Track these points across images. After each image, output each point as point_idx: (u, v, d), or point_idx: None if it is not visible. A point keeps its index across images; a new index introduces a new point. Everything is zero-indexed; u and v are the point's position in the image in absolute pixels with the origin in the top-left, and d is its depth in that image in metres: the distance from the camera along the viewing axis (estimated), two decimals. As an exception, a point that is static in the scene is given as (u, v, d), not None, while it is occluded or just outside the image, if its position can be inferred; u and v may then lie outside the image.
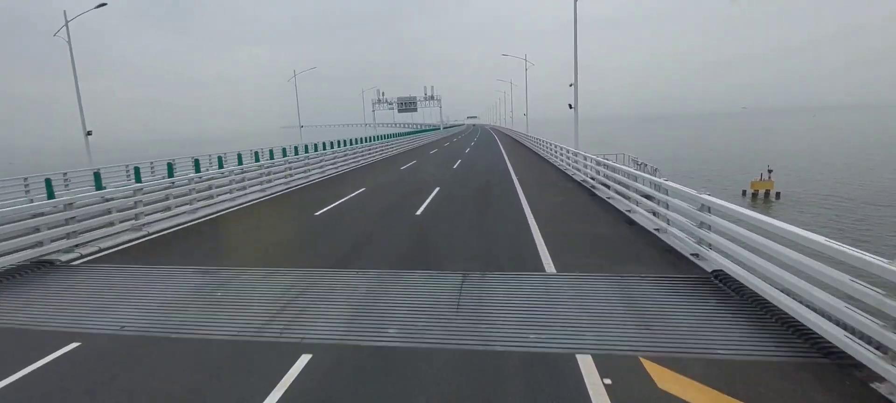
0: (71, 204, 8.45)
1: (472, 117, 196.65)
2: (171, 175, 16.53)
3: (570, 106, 18.72)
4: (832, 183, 29.05)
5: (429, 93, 69.49)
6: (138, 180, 14.40)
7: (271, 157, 21.45)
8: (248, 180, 15.15)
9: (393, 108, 68.13)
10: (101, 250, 8.43)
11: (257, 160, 20.83)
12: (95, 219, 9.02)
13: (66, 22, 20.91)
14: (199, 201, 12.14)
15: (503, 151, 32.22)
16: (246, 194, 14.62)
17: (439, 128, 79.40)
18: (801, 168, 35.55)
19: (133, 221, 9.81)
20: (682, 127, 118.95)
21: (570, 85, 18.35)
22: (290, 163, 18.58)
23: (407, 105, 68.43)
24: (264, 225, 11.36)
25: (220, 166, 18.94)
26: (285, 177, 17.41)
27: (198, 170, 18.25)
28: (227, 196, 13.57)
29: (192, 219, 11.25)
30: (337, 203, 12.92)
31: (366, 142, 32.50)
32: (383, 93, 67.64)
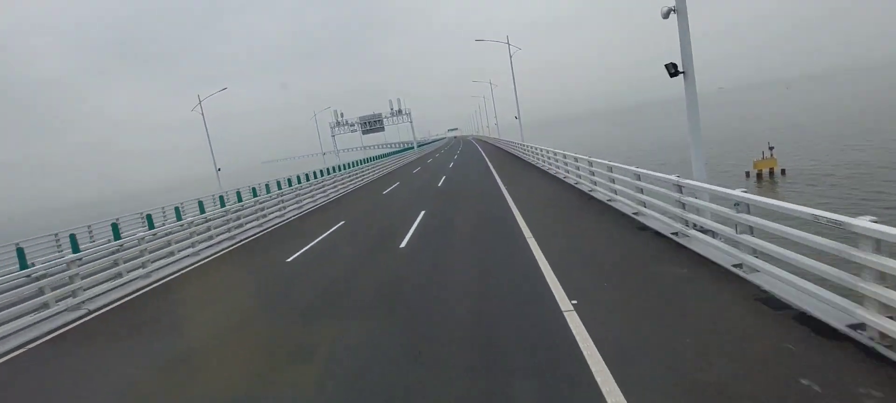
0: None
1: (452, 129, 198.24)
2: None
3: (516, 117, 18.83)
4: (835, 151, 27.85)
5: (396, 108, 59.73)
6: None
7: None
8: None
9: (356, 130, 59.10)
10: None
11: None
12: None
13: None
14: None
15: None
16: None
17: (412, 148, 68.24)
18: (796, 140, 34.23)
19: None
20: (661, 115, 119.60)
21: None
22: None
23: (371, 124, 59.06)
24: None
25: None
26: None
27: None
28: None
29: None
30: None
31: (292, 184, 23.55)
32: (342, 115, 58.50)
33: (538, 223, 9.86)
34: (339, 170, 32.37)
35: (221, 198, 20.86)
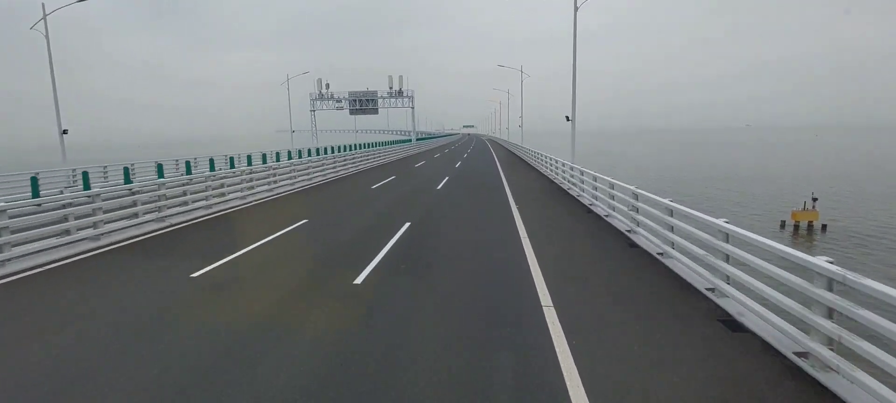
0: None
1: (468, 126, 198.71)
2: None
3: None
4: (878, 210, 25.90)
5: (395, 87, 47.77)
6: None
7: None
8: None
9: (342, 108, 48.58)
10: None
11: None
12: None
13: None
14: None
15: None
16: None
17: (409, 140, 54.12)
18: (834, 193, 30.83)
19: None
20: (687, 142, 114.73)
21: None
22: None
23: (362, 104, 48.06)
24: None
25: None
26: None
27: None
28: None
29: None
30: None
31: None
32: (328, 86, 47.33)
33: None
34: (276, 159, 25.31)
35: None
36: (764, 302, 4.88)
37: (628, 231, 9.48)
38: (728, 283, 5.61)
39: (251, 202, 14.86)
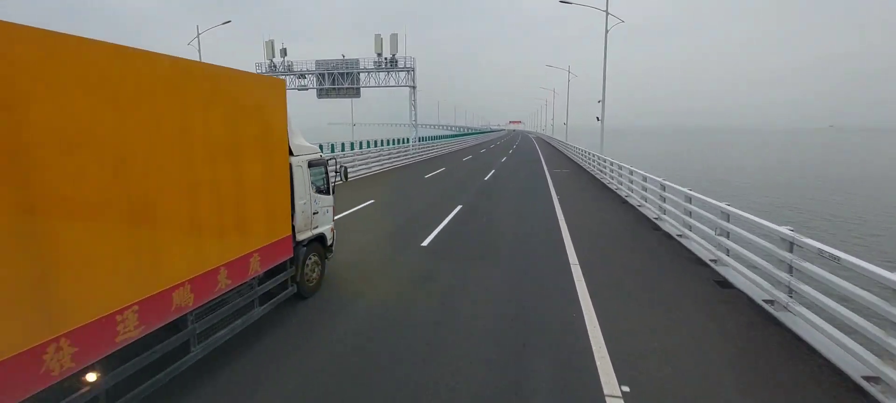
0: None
1: (514, 122, 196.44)
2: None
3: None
4: None
5: (385, 53, 31.43)
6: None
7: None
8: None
9: (307, 86, 32.73)
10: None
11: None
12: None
13: None
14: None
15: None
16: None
17: (407, 141, 32.14)
18: None
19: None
20: (774, 144, 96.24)
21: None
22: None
23: (336, 80, 32.04)
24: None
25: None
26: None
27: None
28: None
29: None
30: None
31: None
32: (285, 53, 32.43)
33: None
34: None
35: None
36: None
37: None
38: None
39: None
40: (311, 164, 6.07)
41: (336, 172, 7.31)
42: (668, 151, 67.75)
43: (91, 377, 3.18)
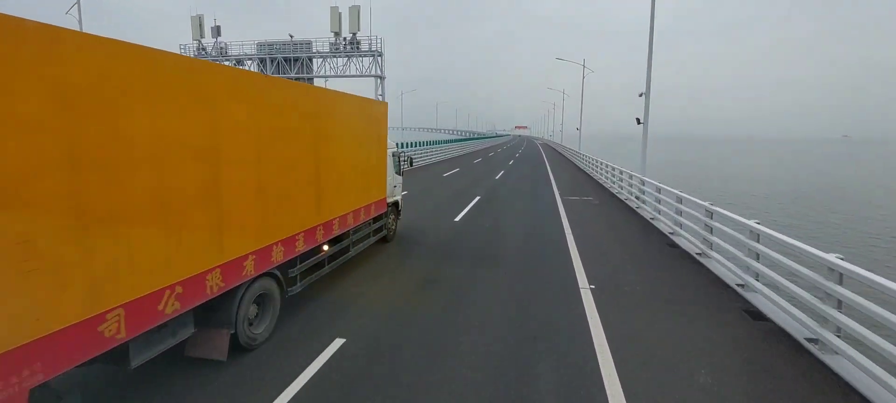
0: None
1: (520, 127, 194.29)
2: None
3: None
4: None
5: (344, 32, 25.65)
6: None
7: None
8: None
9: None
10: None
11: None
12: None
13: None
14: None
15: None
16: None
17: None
18: None
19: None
20: (793, 155, 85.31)
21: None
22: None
23: (282, 67, 26.85)
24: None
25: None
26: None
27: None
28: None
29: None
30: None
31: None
32: (218, 31, 27.23)
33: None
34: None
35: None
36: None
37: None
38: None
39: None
40: (393, 155, 9.42)
41: (404, 161, 10.78)
42: (677, 161, 65.85)
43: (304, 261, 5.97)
